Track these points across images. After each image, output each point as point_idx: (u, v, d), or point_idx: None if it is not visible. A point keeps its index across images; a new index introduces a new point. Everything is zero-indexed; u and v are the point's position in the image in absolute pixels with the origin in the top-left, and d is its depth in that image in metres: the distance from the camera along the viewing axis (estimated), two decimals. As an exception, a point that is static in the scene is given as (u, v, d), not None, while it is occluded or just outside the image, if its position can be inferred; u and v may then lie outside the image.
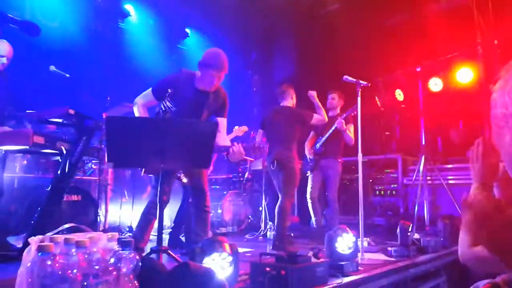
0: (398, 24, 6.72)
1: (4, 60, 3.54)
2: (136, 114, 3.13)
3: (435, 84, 6.21)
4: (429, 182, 5.72)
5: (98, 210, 4.47)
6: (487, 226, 1.06)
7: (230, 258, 2.23)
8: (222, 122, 3.29)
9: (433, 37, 6.15)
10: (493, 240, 1.04)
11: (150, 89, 3.19)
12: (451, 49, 5.86)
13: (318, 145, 5.11)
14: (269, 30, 7.82)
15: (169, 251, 2.51)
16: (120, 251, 1.46)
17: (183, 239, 4.35)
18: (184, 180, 3.45)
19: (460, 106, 6.36)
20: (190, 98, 3.19)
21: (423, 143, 5.65)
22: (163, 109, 3.11)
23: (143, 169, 3.11)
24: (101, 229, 4.59)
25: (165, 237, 4.20)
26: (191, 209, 3.35)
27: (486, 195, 1.36)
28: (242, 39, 7.94)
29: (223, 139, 3.20)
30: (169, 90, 3.04)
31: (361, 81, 3.80)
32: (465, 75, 6.09)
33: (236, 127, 4.99)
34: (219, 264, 2.20)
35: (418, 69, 5.63)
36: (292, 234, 4.84)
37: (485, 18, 5.37)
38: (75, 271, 1.34)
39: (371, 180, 6.44)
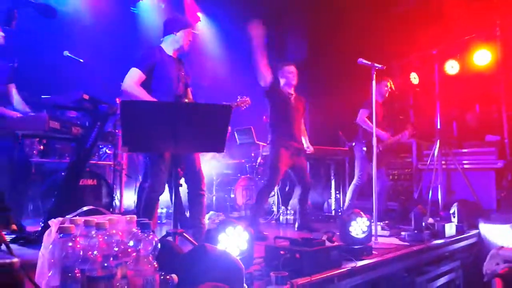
0: (414, 5, 6.57)
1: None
2: (137, 93, 3.06)
3: (452, 67, 6.09)
4: (444, 166, 5.66)
5: (113, 195, 4.53)
6: None
7: (246, 235, 2.24)
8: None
9: (450, 19, 6.01)
10: None
11: (134, 68, 3.11)
12: (468, 30, 5.72)
13: None
14: (281, 14, 7.71)
15: (185, 234, 2.53)
16: (139, 233, 1.48)
17: None
18: None
19: (477, 90, 6.24)
20: (171, 68, 3.24)
21: (439, 127, 5.56)
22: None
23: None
24: (116, 213, 4.67)
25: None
26: (188, 193, 3.35)
27: None
28: (254, 20, 7.85)
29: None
30: (155, 61, 3.14)
31: (376, 64, 3.74)
32: (482, 57, 5.96)
33: (239, 97, 4.78)
34: (235, 242, 2.21)
35: (434, 52, 5.51)
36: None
37: (503, -2, 5.22)
38: (95, 252, 1.36)
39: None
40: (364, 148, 4.92)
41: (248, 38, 3.97)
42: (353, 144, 5.10)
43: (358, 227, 3.01)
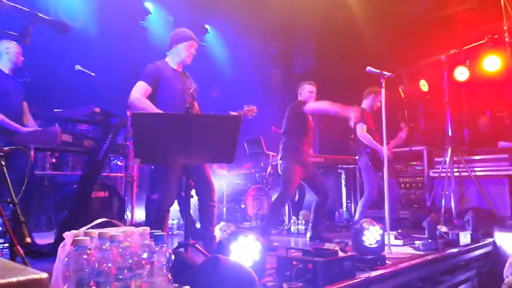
0: (422, 13, 6.57)
1: (21, 57, 3.66)
2: (144, 106, 3.09)
3: (461, 74, 6.05)
4: (456, 174, 5.59)
5: (125, 206, 4.55)
6: None
7: (258, 246, 2.23)
8: None
9: (458, 26, 5.99)
10: None
11: (140, 81, 3.17)
12: (478, 37, 5.69)
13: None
14: (289, 23, 7.76)
15: (197, 245, 2.53)
16: (153, 245, 1.48)
17: None
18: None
19: (487, 96, 6.19)
20: (175, 81, 3.29)
21: (450, 134, 5.51)
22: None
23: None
24: (128, 225, 4.68)
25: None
26: (198, 204, 3.36)
27: None
28: (261, 33, 7.92)
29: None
30: (159, 74, 3.21)
31: (385, 72, 3.73)
32: (492, 63, 5.91)
33: (245, 106, 4.79)
34: (247, 253, 2.20)
35: (443, 59, 5.48)
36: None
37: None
38: (109, 264, 1.37)
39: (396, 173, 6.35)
40: (368, 160, 4.86)
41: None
42: (357, 157, 5.03)
43: (372, 236, 2.98)
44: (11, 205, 2.07)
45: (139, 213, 5.34)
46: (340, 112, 4.07)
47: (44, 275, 0.61)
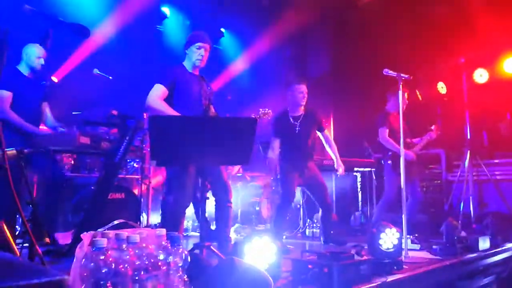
0: (440, 14, 6.48)
1: (42, 61, 3.73)
2: (161, 108, 3.12)
3: (481, 76, 5.95)
4: (475, 178, 5.49)
5: (141, 208, 4.59)
6: None
7: (274, 248, 2.23)
8: None
9: (477, 27, 5.89)
10: None
11: (157, 84, 3.21)
12: (497, 38, 5.59)
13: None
14: (304, 24, 7.74)
15: (212, 247, 2.54)
16: (169, 246, 1.49)
17: None
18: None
19: (507, 98, 6.05)
20: (191, 84, 3.31)
21: (468, 137, 5.42)
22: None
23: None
24: (144, 226, 4.72)
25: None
26: (215, 205, 3.37)
27: None
28: (276, 35, 7.92)
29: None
30: (176, 78, 3.23)
31: (402, 75, 3.68)
32: (512, 65, 5.80)
33: (261, 110, 4.80)
34: (262, 255, 2.20)
35: (462, 60, 5.39)
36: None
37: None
38: (126, 265, 1.38)
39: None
40: (389, 161, 4.78)
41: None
42: (382, 161, 4.97)
43: (388, 239, 2.94)
44: (30, 205, 2.11)
45: (155, 215, 5.39)
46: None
47: (66, 277, 0.61)
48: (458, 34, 5.95)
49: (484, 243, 3.87)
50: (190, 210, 3.62)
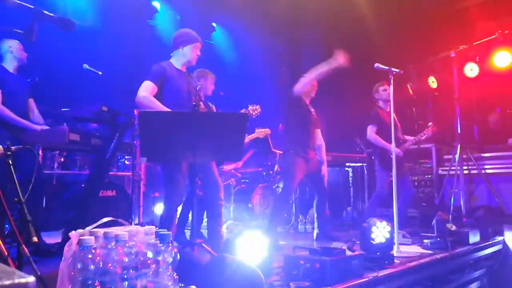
0: (430, 8, 6.49)
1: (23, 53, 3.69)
2: (151, 104, 3.09)
3: (471, 70, 5.97)
4: (466, 172, 5.53)
5: (132, 205, 4.56)
6: None
7: (265, 245, 2.22)
8: None
9: (468, 21, 5.91)
10: None
11: (146, 81, 3.17)
12: (488, 32, 5.61)
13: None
14: (296, 20, 7.71)
15: (203, 244, 2.53)
16: (158, 244, 1.48)
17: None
18: None
19: (497, 92, 6.10)
20: (180, 81, 3.30)
21: (459, 131, 5.45)
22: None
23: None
24: (135, 224, 4.69)
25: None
26: (206, 203, 3.36)
27: None
28: (268, 30, 7.89)
29: None
30: (165, 74, 3.22)
31: (393, 69, 3.69)
32: (503, 59, 5.83)
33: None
34: (254, 252, 2.19)
35: (453, 55, 5.40)
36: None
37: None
38: (115, 264, 1.36)
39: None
40: (378, 158, 4.82)
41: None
42: (372, 157, 5.01)
43: (380, 233, 2.95)
44: (18, 204, 2.07)
45: (146, 212, 5.37)
46: (325, 69, 3.92)
47: (31, 278, 0.59)
48: (449, 28, 5.97)
49: (474, 237, 3.91)
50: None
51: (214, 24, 8.04)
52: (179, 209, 3.79)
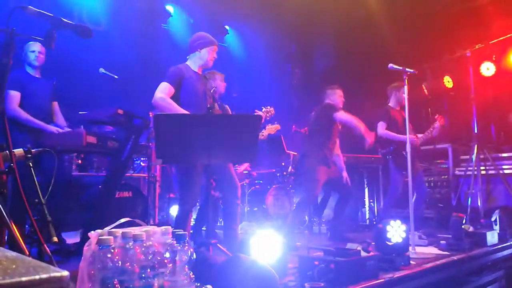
0: (445, 7, 6.42)
1: (37, 54, 3.78)
2: (169, 106, 3.13)
3: (487, 69, 5.88)
4: (483, 172, 5.44)
5: (148, 206, 4.61)
6: None
7: (280, 245, 2.23)
8: None
9: (484, 19, 5.82)
10: None
11: (164, 82, 3.23)
12: (504, 31, 5.52)
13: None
14: (308, 21, 7.70)
15: (219, 244, 2.55)
16: (175, 244, 1.50)
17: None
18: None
19: (515, 91, 5.99)
20: (197, 83, 3.35)
21: (476, 131, 5.37)
22: None
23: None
24: (151, 224, 4.75)
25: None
26: (223, 202, 3.40)
27: None
28: (281, 32, 7.89)
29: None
30: (182, 76, 3.28)
31: (407, 69, 3.66)
32: (520, 57, 5.74)
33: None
34: (268, 252, 2.21)
35: (468, 54, 5.33)
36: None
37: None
38: (133, 263, 1.39)
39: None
40: (390, 157, 4.78)
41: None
42: (387, 157, 4.95)
43: (396, 232, 2.92)
44: (38, 205, 2.13)
45: (161, 213, 5.43)
46: (363, 133, 4.17)
47: (65, 273, 0.63)
48: (464, 27, 5.89)
49: (492, 238, 3.85)
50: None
51: (227, 27, 8.09)
52: (195, 209, 3.83)
